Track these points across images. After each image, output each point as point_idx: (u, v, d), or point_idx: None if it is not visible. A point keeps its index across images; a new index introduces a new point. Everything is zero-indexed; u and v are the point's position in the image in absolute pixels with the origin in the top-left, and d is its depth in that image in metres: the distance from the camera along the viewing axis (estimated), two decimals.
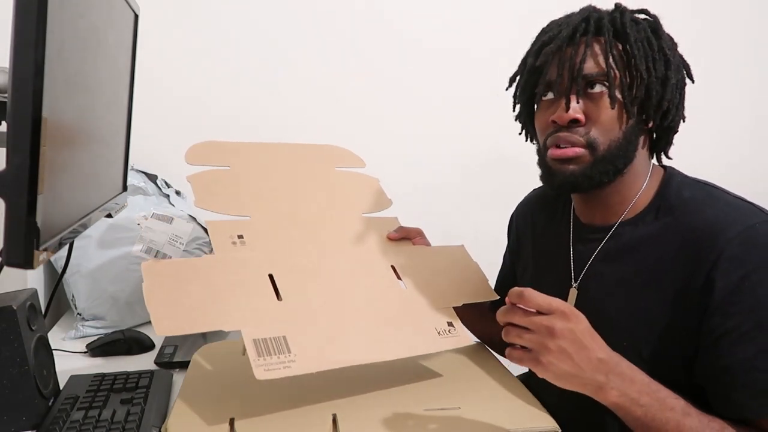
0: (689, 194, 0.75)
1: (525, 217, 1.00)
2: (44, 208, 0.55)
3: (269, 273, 0.80)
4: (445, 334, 0.83)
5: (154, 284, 0.72)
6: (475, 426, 0.70)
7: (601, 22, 0.73)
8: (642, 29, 0.74)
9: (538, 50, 0.77)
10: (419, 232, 0.99)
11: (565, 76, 0.73)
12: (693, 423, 0.63)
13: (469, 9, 1.63)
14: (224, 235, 0.83)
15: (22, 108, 0.51)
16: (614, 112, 0.72)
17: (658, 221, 0.75)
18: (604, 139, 0.73)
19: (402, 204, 1.03)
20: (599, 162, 0.73)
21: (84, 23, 0.67)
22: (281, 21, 1.54)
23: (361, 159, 1.05)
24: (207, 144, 0.93)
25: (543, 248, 0.92)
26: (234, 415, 0.72)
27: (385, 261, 0.90)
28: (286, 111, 1.56)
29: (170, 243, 1.22)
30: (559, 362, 0.61)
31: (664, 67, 0.73)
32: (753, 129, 1.82)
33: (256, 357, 0.69)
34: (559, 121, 0.73)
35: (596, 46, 0.73)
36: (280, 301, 0.77)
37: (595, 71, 0.72)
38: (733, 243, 0.66)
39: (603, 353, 0.63)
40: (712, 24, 1.73)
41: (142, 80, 1.06)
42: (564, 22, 0.77)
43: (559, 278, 0.84)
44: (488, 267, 1.00)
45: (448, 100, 1.64)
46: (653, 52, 0.73)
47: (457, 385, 0.82)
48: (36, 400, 0.75)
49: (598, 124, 0.73)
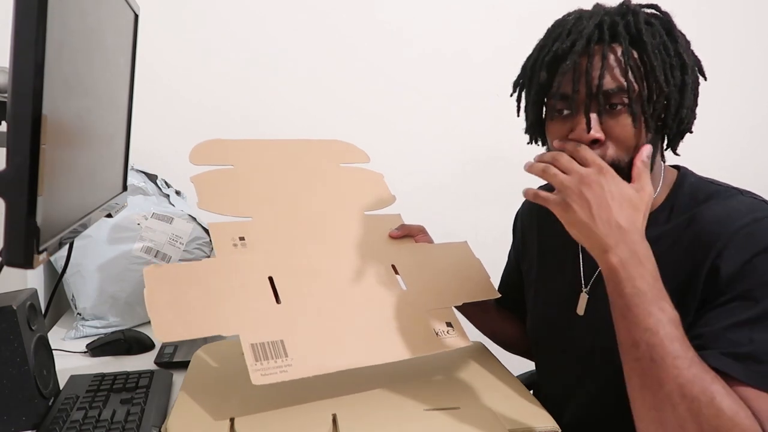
0: (702, 194, 0.74)
1: (530, 215, 0.99)
2: (44, 208, 0.55)
3: (269, 275, 0.80)
4: (443, 335, 0.82)
5: (155, 290, 0.72)
6: (475, 426, 0.70)
7: (616, 28, 0.69)
8: (657, 32, 0.70)
9: (551, 62, 0.72)
10: (421, 229, 0.98)
11: (582, 92, 0.69)
12: (674, 334, 0.59)
13: (470, 9, 1.63)
14: (226, 237, 0.83)
15: (22, 108, 0.51)
16: (635, 129, 0.69)
17: (670, 222, 0.74)
18: (625, 156, 0.70)
19: (403, 203, 1.03)
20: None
21: (84, 23, 0.67)
22: (282, 20, 1.54)
23: (366, 154, 1.05)
24: (210, 143, 0.93)
25: (549, 249, 0.92)
26: (234, 414, 0.72)
27: (386, 260, 0.90)
28: (287, 110, 1.56)
29: (170, 243, 1.21)
30: (580, 209, 0.64)
31: (680, 72, 0.70)
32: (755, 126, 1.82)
33: (254, 362, 0.69)
34: (581, 141, 0.70)
35: (612, 57, 0.69)
36: (279, 304, 0.77)
37: (614, 86, 0.68)
38: (740, 233, 0.66)
39: (625, 221, 0.63)
40: (713, 22, 1.74)
41: (142, 80, 1.06)
42: (575, 30, 0.71)
43: (569, 283, 0.84)
44: (489, 266, 0.99)
45: (449, 99, 1.64)
46: (670, 59, 0.69)
47: (457, 385, 0.82)
48: (36, 400, 0.75)
49: (619, 143, 0.70)
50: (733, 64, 1.76)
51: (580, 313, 0.81)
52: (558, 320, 0.85)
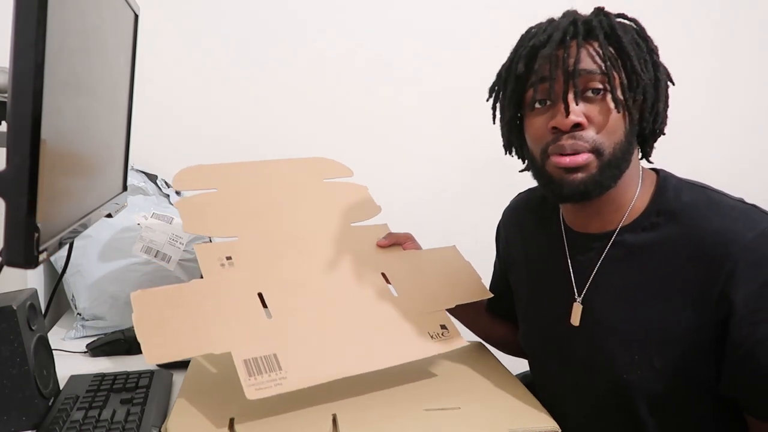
0: (689, 198, 0.73)
1: (513, 225, 0.97)
2: (44, 208, 0.55)
3: (258, 292, 0.80)
4: (438, 337, 0.82)
5: (143, 315, 0.73)
6: (475, 426, 0.70)
7: (590, 24, 0.70)
8: (630, 31, 0.72)
9: (528, 55, 0.72)
10: (409, 236, 0.98)
11: (559, 76, 0.69)
12: None
13: (465, 9, 1.63)
14: (212, 257, 0.83)
15: (22, 108, 0.51)
16: (618, 115, 0.69)
17: (660, 227, 0.73)
18: (609, 143, 0.70)
19: (402, 207, 1.03)
20: (606, 167, 0.70)
21: (84, 23, 0.67)
22: (282, 20, 1.54)
23: (349, 169, 1.05)
24: (193, 169, 0.94)
25: (536, 259, 0.89)
26: (234, 415, 0.72)
27: (376, 269, 0.90)
28: (287, 110, 1.56)
29: (170, 243, 1.21)
30: None
31: (653, 69, 0.71)
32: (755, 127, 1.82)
33: (247, 377, 0.69)
34: (561, 127, 0.69)
35: (590, 48, 0.70)
36: (269, 319, 0.77)
37: (593, 67, 0.69)
38: (747, 251, 0.65)
39: None
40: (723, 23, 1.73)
41: (143, 80, 1.06)
42: (549, 27, 0.72)
43: (561, 294, 0.81)
44: (488, 266, 0.99)
45: (446, 100, 1.64)
46: (644, 54, 0.71)
47: (457, 385, 0.82)
48: (36, 400, 0.75)
49: (600, 128, 0.69)
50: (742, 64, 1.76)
51: (575, 324, 0.78)
52: (552, 332, 0.83)
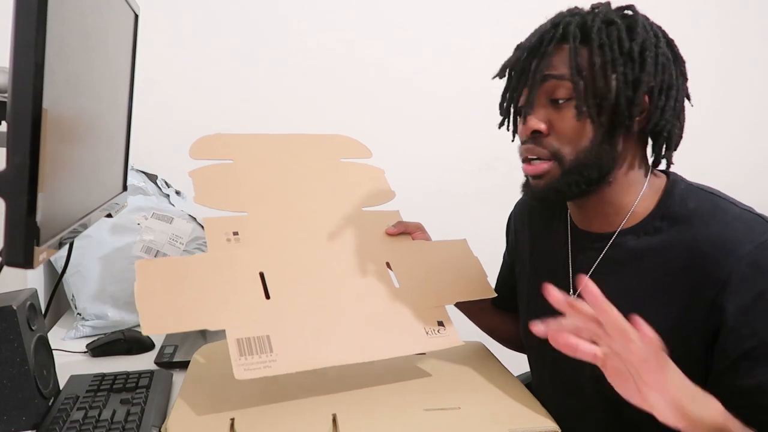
0: (694, 204, 0.72)
1: (522, 217, 0.98)
2: (44, 208, 0.55)
3: (260, 271, 0.80)
4: (433, 334, 0.82)
5: (145, 284, 0.73)
6: (475, 426, 0.70)
7: (568, 28, 0.71)
8: (614, 31, 0.70)
9: (514, 63, 0.75)
10: (419, 226, 0.97)
11: (520, 86, 0.73)
12: None
13: (470, 8, 1.63)
14: (219, 232, 0.83)
15: (22, 108, 0.51)
16: (578, 122, 0.70)
17: (662, 232, 0.72)
18: (570, 149, 0.71)
19: (402, 207, 1.03)
20: (567, 174, 0.72)
21: (84, 23, 0.67)
22: (283, 19, 1.54)
23: (368, 149, 1.04)
24: (211, 137, 0.93)
25: (540, 252, 0.90)
26: (234, 415, 0.72)
27: (381, 257, 0.89)
28: (288, 111, 1.56)
29: (170, 243, 1.22)
30: None
31: (638, 69, 0.69)
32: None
33: (238, 356, 0.69)
34: (520, 135, 0.74)
35: (561, 54, 0.71)
36: (268, 299, 0.77)
37: (559, 75, 0.70)
38: (743, 263, 0.64)
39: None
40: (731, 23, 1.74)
41: (142, 80, 1.06)
42: (537, 31, 0.74)
43: (559, 288, 0.81)
44: (490, 265, 0.99)
45: (450, 98, 1.64)
46: (623, 56, 0.69)
47: (457, 385, 0.82)
48: (36, 400, 0.75)
49: (562, 135, 0.71)
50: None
51: None
52: None
